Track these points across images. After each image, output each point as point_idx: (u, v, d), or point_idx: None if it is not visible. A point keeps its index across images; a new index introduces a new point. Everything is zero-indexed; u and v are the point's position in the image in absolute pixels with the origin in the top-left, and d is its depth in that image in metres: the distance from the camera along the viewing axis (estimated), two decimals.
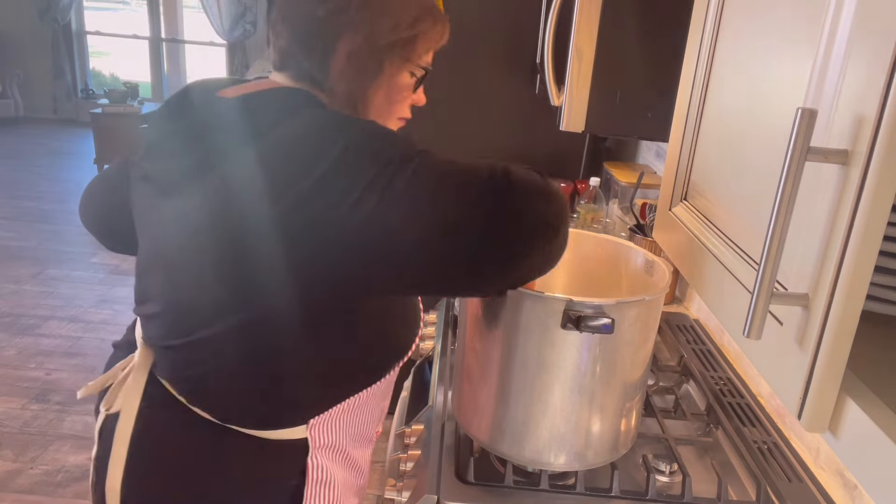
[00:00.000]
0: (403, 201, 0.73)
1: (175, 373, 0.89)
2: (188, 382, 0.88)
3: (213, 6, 6.78)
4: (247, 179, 0.77)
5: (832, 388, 0.46)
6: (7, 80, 7.00)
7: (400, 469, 1.06)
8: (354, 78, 0.86)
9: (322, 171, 0.73)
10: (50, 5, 6.91)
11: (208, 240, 0.81)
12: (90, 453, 2.41)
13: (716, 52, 0.73)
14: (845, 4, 0.46)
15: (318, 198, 0.73)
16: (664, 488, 1.01)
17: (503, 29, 2.33)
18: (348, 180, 0.73)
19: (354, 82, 0.87)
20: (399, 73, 0.90)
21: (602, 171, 2.31)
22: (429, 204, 0.73)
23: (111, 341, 1.06)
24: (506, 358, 0.92)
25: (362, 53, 0.85)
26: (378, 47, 0.86)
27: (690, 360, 1.36)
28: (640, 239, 1.64)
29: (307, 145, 0.76)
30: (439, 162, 0.76)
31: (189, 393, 0.88)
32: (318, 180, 0.73)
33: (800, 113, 0.43)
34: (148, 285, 0.92)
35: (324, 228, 0.74)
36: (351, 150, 0.74)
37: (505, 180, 0.76)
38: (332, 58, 0.85)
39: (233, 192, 0.78)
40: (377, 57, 0.86)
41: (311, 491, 0.92)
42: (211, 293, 0.83)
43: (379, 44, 0.85)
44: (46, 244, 4.23)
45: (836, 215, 0.44)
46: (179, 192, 0.84)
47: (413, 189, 0.73)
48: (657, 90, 1.37)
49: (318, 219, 0.74)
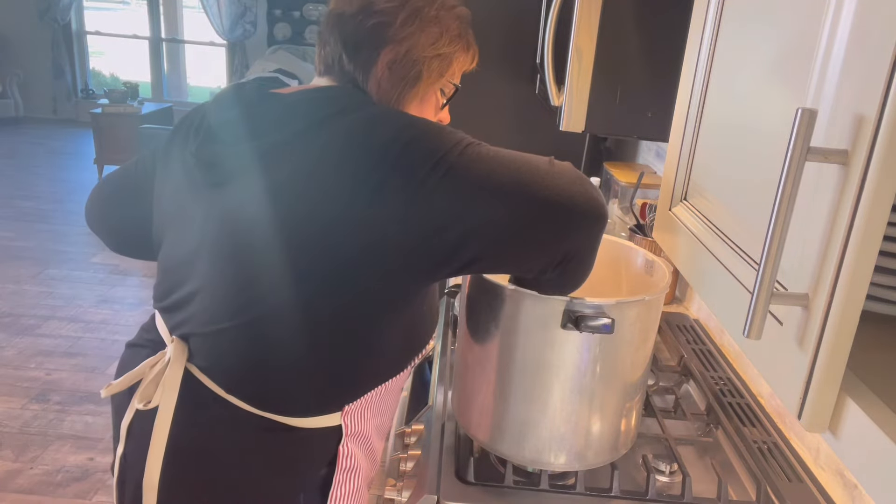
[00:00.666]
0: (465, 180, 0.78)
1: (214, 361, 0.90)
2: (229, 371, 0.89)
3: (213, 6, 6.78)
4: (315, 166, 0.81)
5: (832, 388, 0.46)
6: (7, 80, 7.01)
7: (400, 469, 1.06)
8: (393, 86, 0.92)
9: (393, 159, 0.79)
10: (50, 5, 6.91)
11: (266, 226, 0.83)
12: (90, 453, 2.42)
13: (716, 52, 0.73)
14: (845, 4, 0.46)
15: (388, 182, 0.78)
16: (664, 488, 1.01)
17: (503, 29, 2.33)
18: (415, 163, 0.79)
19: (393, 90, 0.92)
20: (433, 86, 0.95)
21: (602, 171, 2.31)
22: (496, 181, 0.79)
23: (112, 341, 1.07)
24: (506, 358, 0.92)
25: (403, 64, 0.91)
26: (418, 59, 0.91)
27: (690, 360, 1.36)
28: (640, 239, 1.64)
29: (374, 136, 0.81)
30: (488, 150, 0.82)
31: (229, 381, 0.89)
32: (391, 166, 0.79)
33: (800, 113, 0.43)
34: (186, 275, 0.92)
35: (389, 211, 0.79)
36: (414, 140, 0.80)
37: None
38: (374, 66, 0.91)
39: (301, 179, 0.82)
40: (416, 68, 0.92)
41: (339, 478, 0.95)
42: (261, 278, 0.85)
43: (419, 56, 0.91)
44: (46, 244, 4.23)
45: (836, 215, 0.44)
46: (240, 178, 0.86)
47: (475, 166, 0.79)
48: (657, 90, 1.37)
49: (386, 203, 0.79)
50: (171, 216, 0.97)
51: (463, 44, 0.97)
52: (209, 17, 6.86)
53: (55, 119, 7.45)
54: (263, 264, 0.84)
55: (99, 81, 8.34)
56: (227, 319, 0.88)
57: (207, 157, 0.90)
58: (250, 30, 6.87)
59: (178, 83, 7.61)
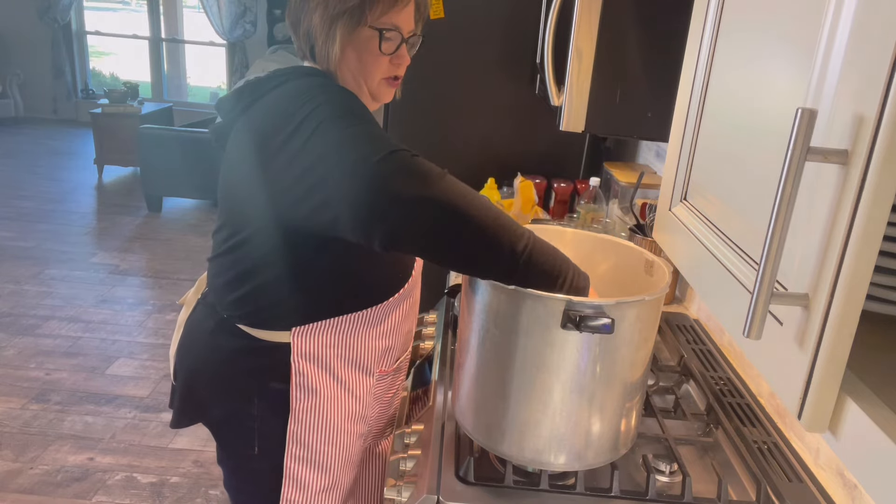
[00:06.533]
0: (323, 144, 0.94)
1: (211, 276, 1.19)
2: (213, 287, 1.17)
3: (213, 6, 6.78)
4: (248, 133, 1.07)
5: (832, 388, 0.46)
6: (7, 80, 7.01)
7: (400, 469, 1.06)
8: (322, 46, 1.09)
9: (293, 127, 0.97)
10: (50, 5, 6.91)
11: (237, 176, 1.09)
12: (90, 453, 2.42)
13: (716, 52, 0.73)
14: (845, 4, 0.46)
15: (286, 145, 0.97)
16: (664, 488, 1.01)
17: (503, 29, 2.33)
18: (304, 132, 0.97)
19: (322, 49, 1.09)
20: (354, 34, 1.08)
21: (602, 171, 2.31)
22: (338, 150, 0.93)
23: (112, 341, 1.14)
24: (506, 358, 0.92)
25: (319, 24, 1.08)
26: (329, 17, 1.07)
27: (690, 360, 1.36)
28: (640, 239, 1.64)
29: (283, 106, 1.01)
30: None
31: (210, 295, 1.18)
32: (289, 133, 0.97)
33: (800, 113, 0.43)
34: (218, 215, 1.19)
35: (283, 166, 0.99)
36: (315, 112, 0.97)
37: None
38: (301, 32, 1.11)
39: (243, 142, 1.08)
40: (330, 24, 1.07)
41: (295, 393, 1.13)
42: (239, 213, 1.11)
43: (330, 14, 1.06)
44: (46, 244, 4.23)
45: (836, 215, 0.44)
46: (227, 143, 1.14)
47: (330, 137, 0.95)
48: (657, 90, 1.37)
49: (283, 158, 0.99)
50: None
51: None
52: (209, 17, 6.85)
53: (55, 119, 7.45)
54: (240, 202, 1.10)
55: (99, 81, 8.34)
56: (221, 245, 1.14)
57: (215, 129, 1.19)
58: (250, 30, 6.87)
59: (178, 83, 7.60)
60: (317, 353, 1.12)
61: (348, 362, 1.15)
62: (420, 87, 2.37)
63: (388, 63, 1.12)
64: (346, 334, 1.13)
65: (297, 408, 1.13)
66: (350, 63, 1.10)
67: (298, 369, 1.11)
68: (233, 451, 1.21)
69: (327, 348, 1.13)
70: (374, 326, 1.15)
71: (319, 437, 1.16)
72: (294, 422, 1.13)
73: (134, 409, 2.72)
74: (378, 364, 1.19)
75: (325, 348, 1.12)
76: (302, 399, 1.13)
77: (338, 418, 1.16)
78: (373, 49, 1.09)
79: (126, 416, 2.67)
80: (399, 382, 1.29)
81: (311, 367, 1.12)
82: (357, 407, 1.19)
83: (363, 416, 1.21)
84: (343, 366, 1.15)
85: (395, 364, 1.23)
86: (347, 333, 1.13)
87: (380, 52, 1.09)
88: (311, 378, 1.13)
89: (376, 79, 1.12)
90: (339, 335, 1.13)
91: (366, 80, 1.12)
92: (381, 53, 1.10)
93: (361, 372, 1.17)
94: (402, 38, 1.11)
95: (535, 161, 2.43)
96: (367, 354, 1.16)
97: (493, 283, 0.92)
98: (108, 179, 5.71)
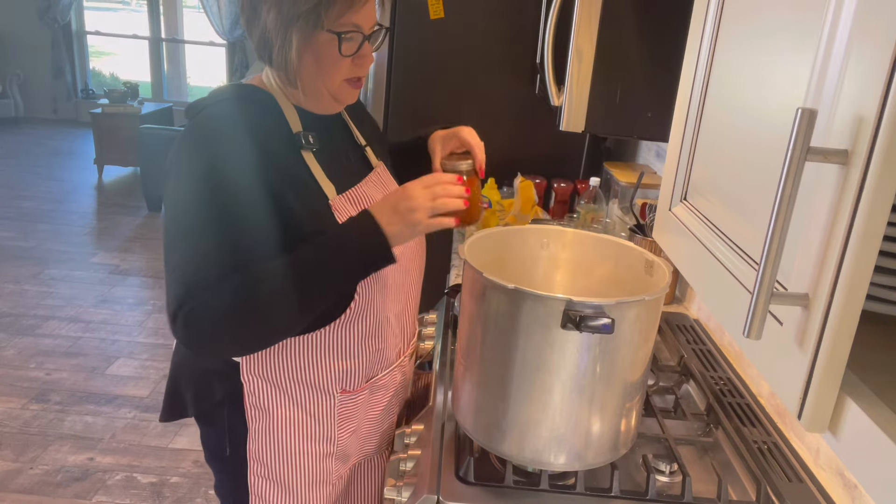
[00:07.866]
0: None
1: None
2: None
3: (213, 6, 6.78)
4: None
5: (832, 388, 0.46)
6: (7, 80, 7.01)
7: (400, 469, 1.06)
8: (278, 52, 1.03)
9: None
10: (50, 5, 6.91)
11: None
12: (90, 453, 2.42)
13: (716, 52, 0.73)
14: (845, 4, 0.46)
15: None
16: (664, 488, 1.01)
17: (503, 29, 2.33)
18: None
19: (279, 55, 1.03)
20: (312, 39, 1.02)
21: (602, 171, 2.31)
22: None
23: (112, 341, 1.13)
24: (506, 358, 0.92)
25: (274, 30, 1.01)
26: (283, 22, 1.00)
27: (690, 360, 1.36)
28: (640, 239, 1.64)
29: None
30: None
31: None
32: None
33: (800, 113, 0.43)
34: None
35: None
36: None
37: None
38: (256, 37, 1.05)
39: None
40: (285, 29, 1.01)
41: (251, 413, 1.12)
42: None
43: (284, 19, 1.00)
44: (46, 244, 4.23)
45: (836, 215, 0.44)
46: None
47: None
48: (657, 90, 1.37)
49: None
50: None
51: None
52: (209, 17, 6.85)
53: (55, 119, 7.44)
54: None
55: (99, 81, 8.34)
56: None
57: None
58: None
59: (178, 83, 7.60)
60: (268, 374, 1.11)
61: (303, 383, 1.12)
62: (420, 87, 2.37)
63: (350, 64, 1.06)
64: (297, 356, 1.11)
65: (254, 427, 1.12)
66: (309, 68, 1.05)
67: (251, 389, 1.10)
68: (210, 452, 1.20)
69: (279, 370, 1.11)
70: (327, 348, 1.11)
71: (279, 457, 1.14)
72: (251, 441, 1.12)
73: (134, 409, 2.72)
74: (339, 384, 1.14)
75: (276, 370, 1.11)
76: (258, 418, 1.11)
77: (297, 440, 1.14)
78: (331, 53, 1.03)
79: (126, 416, 2.67)
80: (390, 397, 1.25)
81: (264, 385, 1.11)
82: (318, 428, 1.15)
83: (328, 437, 1.16)
84: (297, 387, 1.12)
85: (366, 383, 1.18)
86: (298, 355, 1.11)
87: (340, 55, 1.04)
88: (264, 398, 1.11)
89: (337, 82, 1.07)
90: (289, 357, 1.10)
91: (326, 84, 1.07)
92: (341, 56, 1.04)
93: (321, 393, 1.14)
94: (363, 36, 1.05)
95: (535, 161, 2.43)
96: (325, 375, 1.13)
97: (493, 284, 0.92)
98: (108, 179, 5.71)
